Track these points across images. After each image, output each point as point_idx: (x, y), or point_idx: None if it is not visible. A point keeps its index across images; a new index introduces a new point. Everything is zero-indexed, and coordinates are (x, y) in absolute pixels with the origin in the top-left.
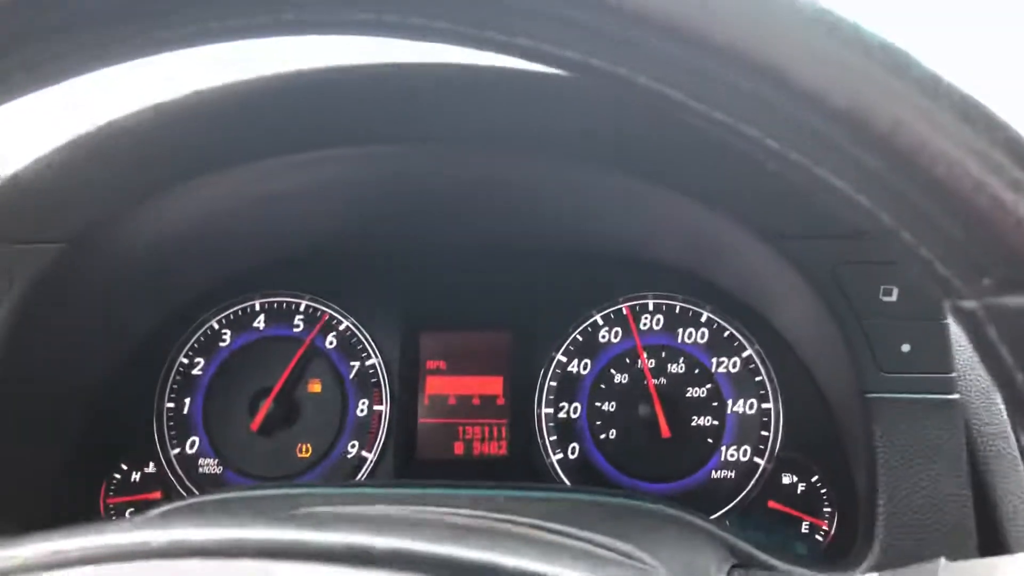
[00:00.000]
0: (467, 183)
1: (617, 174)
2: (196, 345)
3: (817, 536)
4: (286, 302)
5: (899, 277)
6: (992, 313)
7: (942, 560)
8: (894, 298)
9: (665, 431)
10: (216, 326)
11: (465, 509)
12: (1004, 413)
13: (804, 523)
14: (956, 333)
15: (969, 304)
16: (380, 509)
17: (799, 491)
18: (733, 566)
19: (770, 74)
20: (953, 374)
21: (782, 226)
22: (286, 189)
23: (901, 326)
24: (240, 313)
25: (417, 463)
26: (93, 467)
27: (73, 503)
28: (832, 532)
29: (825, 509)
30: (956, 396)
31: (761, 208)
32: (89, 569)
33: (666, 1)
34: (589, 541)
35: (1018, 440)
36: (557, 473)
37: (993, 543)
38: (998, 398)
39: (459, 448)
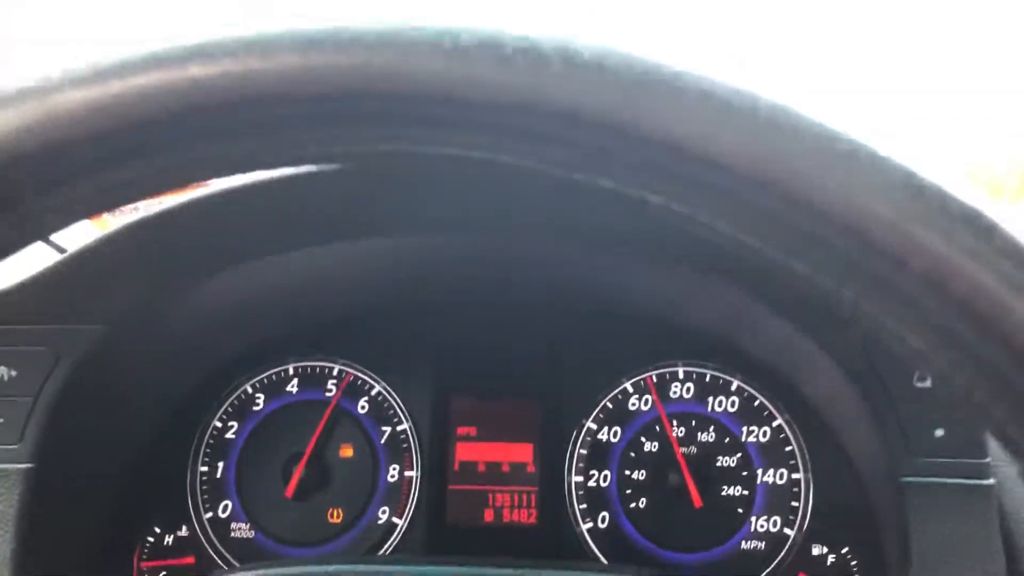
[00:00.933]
0: (498, 261)
1: (645, 259)
2: (230, 409)
3: None
4: (319, 366)
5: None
6: None
7: None
8: (928, 384)
9: (697, 501)
10: (250, 390)
11: None
12: None
13: None
14: None
15: None
16: None
17: (829, 562)
18: None
19: (858, 237)
20: (988, 459)
21: (814, 313)
22: (320, 271)
23: (934, 410)
24: (274, 378)
25: (447, 530)
26: (128, 530)
27: (108, 566)
28: None
29: None
30: (991, 481)
31: (793, 296)
32: None
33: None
34: None
35: None
36: (587, 542)
37: None
38: None
39: (489, 515)
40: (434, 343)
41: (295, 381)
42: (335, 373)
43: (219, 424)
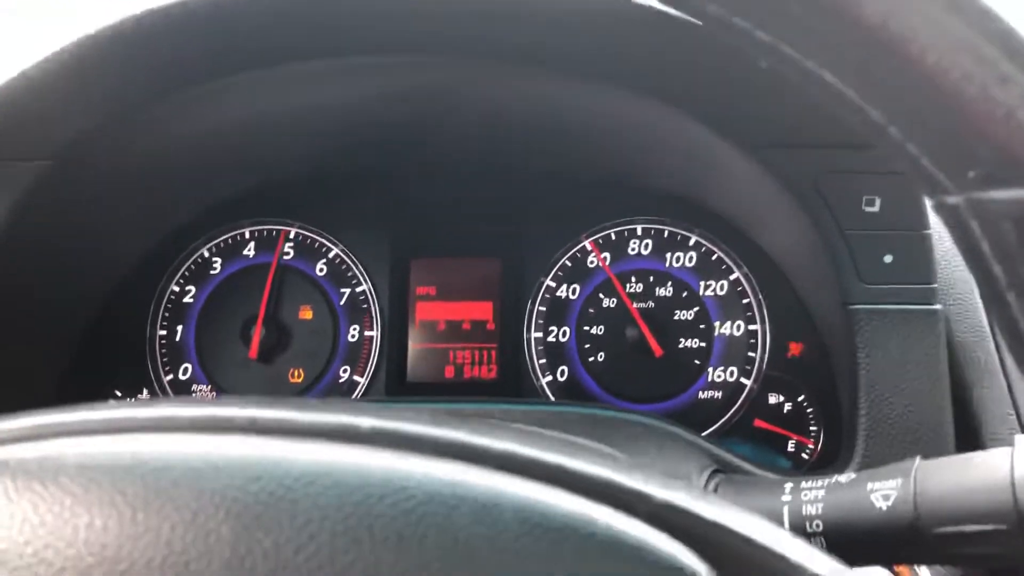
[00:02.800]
0: (456, 102)
1: (607, 86)
2: (187, 273)
3: (803, 454)
4: (276, 230)
5: (882, 187)
6: (975, 208)
7: (918, 458)
8: (876, 208)
9: (657, 350)
10: (206, 254)
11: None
12: (984, 323)
13: (791, 441)
14: (939, 244)
15: (953, 199)
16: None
17: (785, 410)
18: (714, 471)
19: None
20: (935, 284)
21: (764, 137)
22: (273, 108)
23: (883, 237)
24: (230, 241)
25: (408, 386)
26: (85, 395)
27: None
28: (818, 449)
29: (811, 428)
30: (938, 306)
31: (743, 119)
32: (67, 441)
33: None
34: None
35: (995, 339)
36: (546, 394)
37: (970, 449)
38: (979, 308)
39: (449, 372)
40: (392, 203)
41: (252, 244)
42: (291, 236)
43: (176, 288)
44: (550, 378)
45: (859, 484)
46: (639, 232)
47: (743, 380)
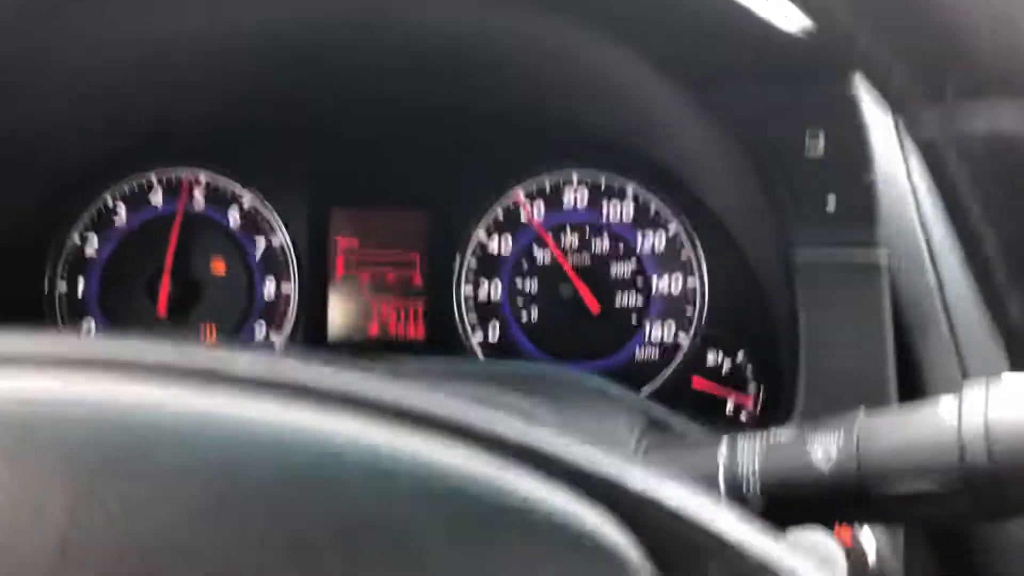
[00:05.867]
0: (379, 32)
1: (539, 16)
2: (89, 223)
3: (742, 415)
4: (185, 177)
5: (827, 127)
6: (952, 137)
7: (861, 410)
8: (820, 151)
9: (594, 307)
10: (110, 202)
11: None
12: (928, 270)
13: (729, 401)
14: (883, 191)
15: (928, 129)
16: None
17: (724, 370)
18: (645, 430)
19: None
20: (877, 232)
21: (705, 72)
22: (175, 29)
23: (827, 180)
24: (136, 188)
25: (329, 346)
26: None
27: None
28: (756, 410)
29: (750, 386)
30: (882, 256)
31: (686, 54)
32: None
33: None
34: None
35: (940, 285)
36: (477, 354)
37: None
38: (924, 255)
39: (374, 329)
40: (311, 149)
41: (159, 192)
42: (202, 182)
43: (77, 239)
44: (481, 337)
45: (799, 440)
46: (574, 182)
47: (681, 337)
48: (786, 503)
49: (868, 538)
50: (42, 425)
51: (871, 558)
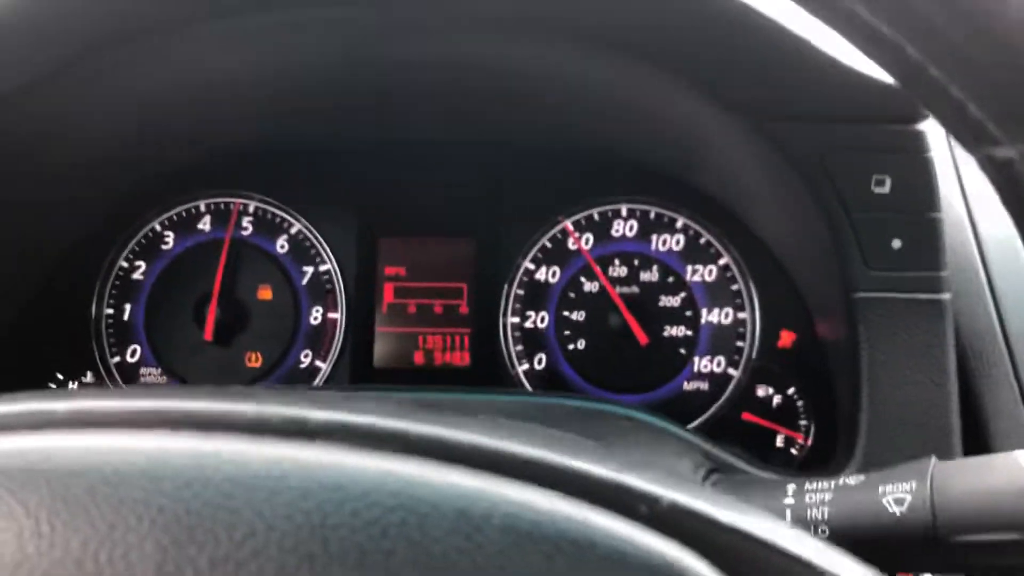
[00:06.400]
0: (429, 65)
1: (595, 51)
2: (137, 248)
3: (792, 450)
4: (233, 203)
5: (892, 166)
6: None
7: (933, 458)
8: (886, 189)
9: (642, 338)
10: (158, 228)
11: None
12: (992, 313)
13: (779, 436)
14: (949, 233)
15: (1005, 152)
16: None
17: (774, 403)
18: (710, 470)
19: None
20: (945, 272)
21: (768, 108)
22: (227, 66)
23: (893, 220)
24: (184, 215)
25: (374, 373)
26: (26, 376)
27: None
28: (808, 445)
29: (801, 422)
30: (947, 296)
31: (747, 89)
32: None
33: None
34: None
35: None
36: (523, 383)
37: (976, 448)
38: (987, 298)
39: (419, 358)
40: (360, 177)
41: (207, 218)
42: (250, 209)
43: (125, 264)
44: (527, 366)
45: (869, 487)
46: (624, 213)
47: (731, 371)
48: (856, 550)
49: None
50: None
51: None
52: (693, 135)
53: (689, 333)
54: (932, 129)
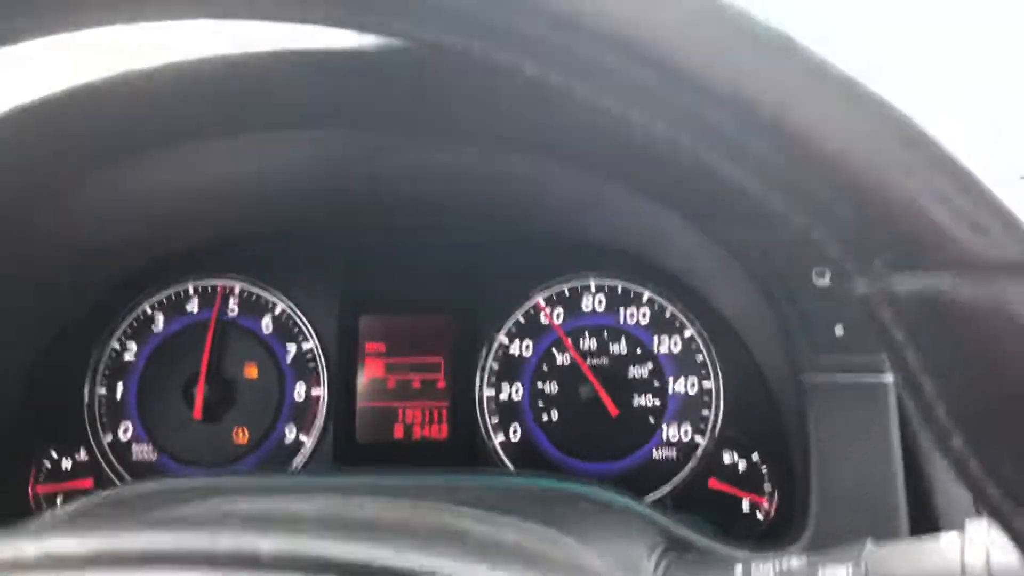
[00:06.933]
0: (406, 169)
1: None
2: (128, 330)
3: (758, 514)
4: (220, 285)
5: (831, 260)
6: (886, 296)
7: (868, 542)
8: (827, 281)
9: (613, 409)
10: (148, 310)
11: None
12: None
13: (745, 501)
14: None
15: (863, 288)
16: (295, 503)
17: (740, 470)
18: (665, 550)
19: (654, 63)
20: (884, 355)
21: (707, 207)
22: (218, 173)
23: (834, 308)
24: (173, 297)
25: (357, 447)
26: (20, 454)
27: (2, 492)
28: (772, 510)
29: (765, 486)
30: (888, 376)
31: (688, 193)
32: None
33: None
34: (512, 528)
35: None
36: (499, 455)
37: (924, 519)
38: None
39: (399, 431)
40: (340, 260)
41: (195, 300)
42: (236, 291)
43: (117, 345)
44: (503, 438)
45: (810, 569)
46: (592, 288)
47: (697, 438)
48: None
49: None
50: None
51: None
52: (647, 225)
53: (657, 402)
54: None
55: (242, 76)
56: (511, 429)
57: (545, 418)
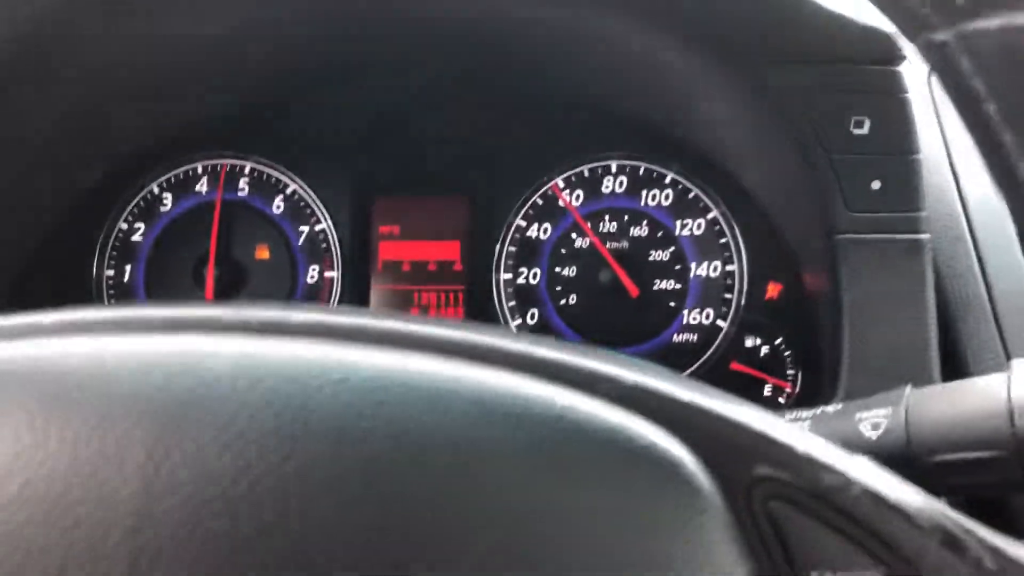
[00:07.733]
0: (420, 21)
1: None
2: (136, 210)
3: (780, 399)
4: (230, 164)
5: (872, 107)
6: (966, 42)
7: (909, 386)
8: (865, 131)
9: (633, 290)
10: (156, 190)
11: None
12: (972, 254)
13: (767, 385)
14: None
15: (942, 36)
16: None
17: (762, 354)
18: None
19: None
20: (923, 213)
21: (749, 51)
22: (222, 23)
23: (872, 161)
24: (181, 176)
25: None
26: None
27: None
28: (795, 393)
29: (788, 371)
30: (926, 236)
31: (731, 35)
32: None
33: None
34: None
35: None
36: None
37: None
38: (968, 240)
39: (415, 314)
40: (354, 139)
41: (204, 180)
42: (247, 171)
43: (124, 226)
44: (520, 321)
45: (846, 414)
46: (613, 169)
47: (719, 322)
48: None
49: None
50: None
51: None
52: (679, 86)
53: (679, 286)
54: (910, 71)
55: None
56: (528, 313)
57: (563, 302)
